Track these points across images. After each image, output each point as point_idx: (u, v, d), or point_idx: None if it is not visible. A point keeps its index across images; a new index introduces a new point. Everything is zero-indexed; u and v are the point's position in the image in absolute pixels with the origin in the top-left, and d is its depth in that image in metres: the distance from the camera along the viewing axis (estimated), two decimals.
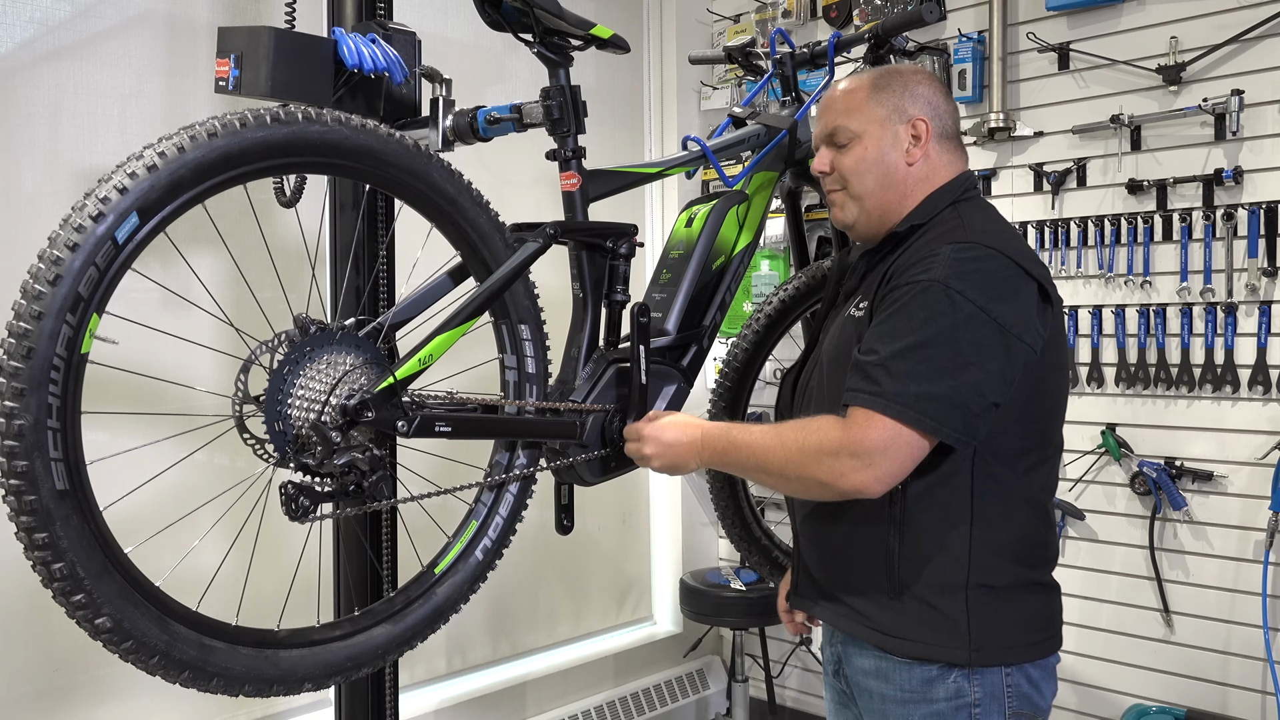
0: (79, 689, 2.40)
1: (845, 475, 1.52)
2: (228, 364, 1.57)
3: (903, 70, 1.75)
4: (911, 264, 1.58)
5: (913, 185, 1.71)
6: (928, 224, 1.66)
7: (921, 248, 1.61)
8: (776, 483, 1.64)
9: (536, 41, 1.71)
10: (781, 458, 1.57)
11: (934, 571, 1.62)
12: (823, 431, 1.54)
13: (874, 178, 1.71)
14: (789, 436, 1.58)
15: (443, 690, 3.14)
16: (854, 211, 1.73)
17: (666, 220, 3.83)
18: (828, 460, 1.52)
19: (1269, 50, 2.69)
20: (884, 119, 1.71)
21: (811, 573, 1.76)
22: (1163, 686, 2.88)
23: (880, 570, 1.64)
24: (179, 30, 2.53)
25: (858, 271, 1.77)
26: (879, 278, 1.65)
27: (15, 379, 1.19)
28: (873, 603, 1.65)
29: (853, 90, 1.75)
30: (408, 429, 1.47)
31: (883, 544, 1.63)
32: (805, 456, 1.54)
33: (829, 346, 1.72)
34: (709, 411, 2.25)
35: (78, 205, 1.24)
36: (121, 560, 1.29)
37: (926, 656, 1.62)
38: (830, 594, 1.72)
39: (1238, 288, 2.75)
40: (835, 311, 1.80)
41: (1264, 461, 2.71)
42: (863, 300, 1.66)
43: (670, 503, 3.89)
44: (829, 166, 1.75)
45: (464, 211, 1.61)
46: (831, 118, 1.74)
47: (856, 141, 1.72)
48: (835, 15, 3.53)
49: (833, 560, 1.71)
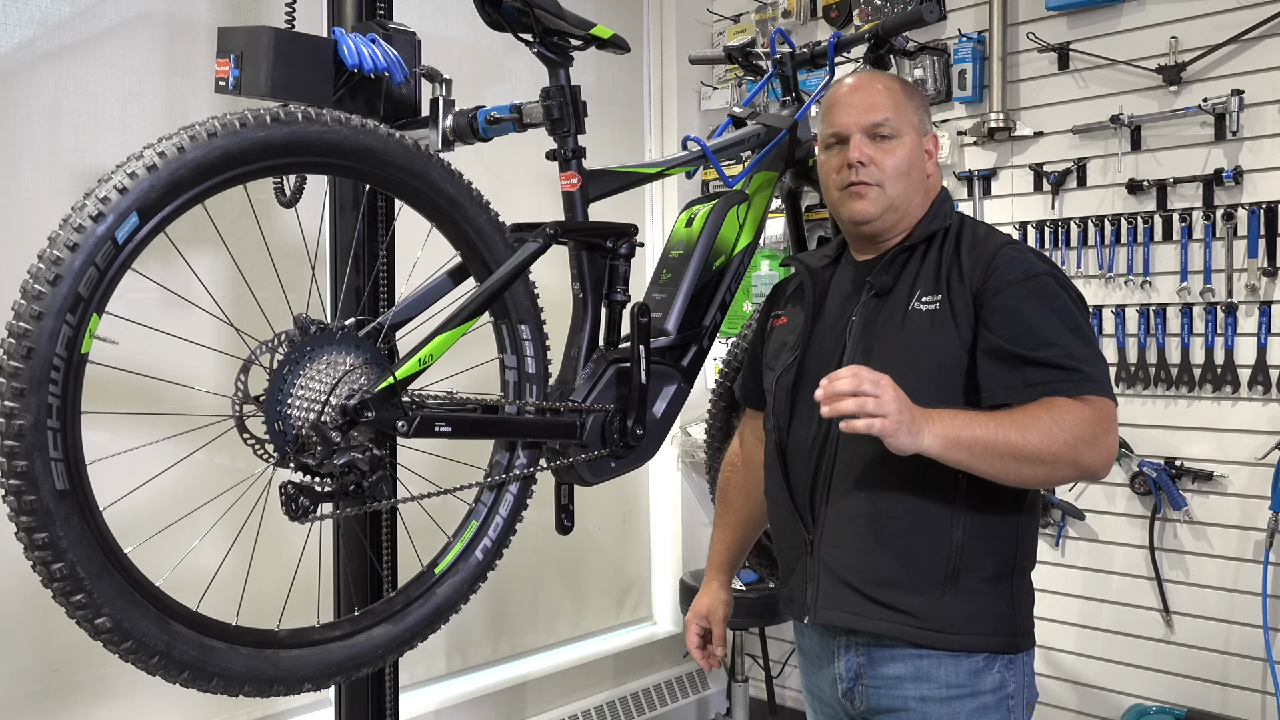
0: (79, 689, 2.40)
1: (1101, 458, 1.57)
2: (228, 364, 1.57)
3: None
4: (993, 262, 1.63)
5: (926, 195, 1.77)
6: (948, 228, 1.73)
7: (975, 246, 1.68)
8: (1024, 469, 1.54)
9: (536, 41, 1.71)
10: (1040, 439, 1.52)
11: (987, 560, 1.64)
12: (1080, 416, 1.54)
13: (907, 181, 1.73)
14: (1039, 419, 1.53)
15: (443, 690, 3.14)
16: (880, 207, 1.72)
17: (666, 220, 3.83)
18: (1095, 443, 1.54)
19: (1269, 50, 2.69)
20: (917, 126, 1.76)
21: (842, 578, 1.68)
22: (1163, 686, 2.88)
23: (938, 563, 1.63)
24: (179, 30, 2.53)
25: (887, 271, 1.72)
26: (934, 273, 1.68)
27: (15, 379, 1.19)
28: (921, 598, 1.63)
29: (892, 88, 1.75)
30: (408, 429, 1.47)
31: (945, 535, 1.63)
32: (1076, 440, 1.52)
33: (890, 342, 1.66)
34: (709, 411, 2.25)
35: (78, 205, 1.24)
36: (121, 560, 1.29)
37: (976, 647, 1.64)
38: (870, 596, 1.66)
39: (1238, 288, 2.75)
40: (849, 313, 1.74)
41: (1264, 461, 2.71)
42: (925, 294, 1.67)
43: (670, 503, 3.89)
44: (867, 158, 1.71)
45: (464, 211, 1.61)
46: (876, 111, 1.72)
47: (899, 140, 1.73)
48: (835, 15, 3.53)
49: (880, 559, 1.65)
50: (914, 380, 1.54)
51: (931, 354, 1.64)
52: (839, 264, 1.85)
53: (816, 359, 1.75)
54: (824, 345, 1.76)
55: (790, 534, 1.77)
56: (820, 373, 1.69)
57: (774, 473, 1.79)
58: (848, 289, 1.79)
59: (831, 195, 1.78)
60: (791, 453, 1.76)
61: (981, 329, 1.62)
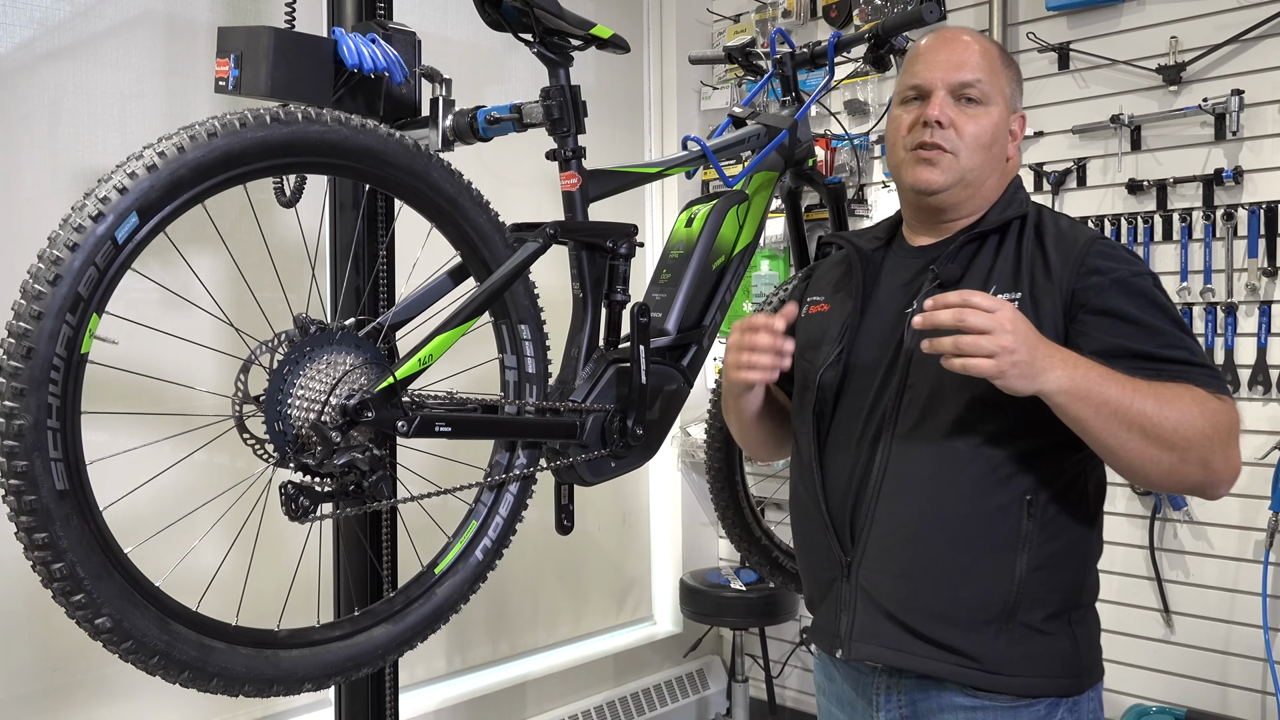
0: (79, 689, 2.40)
1: (1229, 469, 1.37)
2: (228, 364, 1.57)
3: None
4: (1087, 259, 1.45)
5: (1001, 179, 1.59)
6: (1024, 217, 1.55)
7: (1061, 240, 1.49)
8: (1148, 449, 1.34)
9: (536, 41, 1.71)
10: (1179, 418, 1.32)
11: (1051, 594, 1.46)
12: (1219, 410, 1.34)
13: (986, 155, 1.54)
14: (1182, 398, 1.33)
15: (443, 690, 3.14)
16: (950, 178, 1.53)
17: (666, 220, 3.83)
18: (1228, 448, 1.35)
19: (1269, 50, 2.69)
20: (1008, 98, 1.57)
21: (884, 608, 1.49)
22: (1163, 686, 2.88)
23: (997, 595, 1.44)
24: (179, 30, 2.53)
25: (954, 259, 1.54)
26: (1013, 267, 1.49)
27: (15, 379, 1.19)
28: (976, 636, 1.44)
29: (990, 51, 1.56)
30: (408, 429, 1.46)
31: (1007, 563, 1.44)
32: (1212, 434, 1.33)
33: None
34: (709, 411, 2.25)
35: (77, 205, 1.24)
36: (121, 560, 1.29)
37: (1037, 691, 1.45)
38: (916, 630, 1.46)
39: (1238, 288, 2.75)
40: (905, 304, 1.56)
41: (1264, 461, 2.71)
42: (1002, 289, 1.47)
43: (670, 503, 3.89)
44: (947, 120, 1.52)
45: (464, 211, 1.61)
46: (966, 70, 1.53)
47: (986, 107, 1.53)
48: (835, 15, 3.53)
49: (931, 588, 1.46)
50: (982, 388, 1.37)
51: None
52: (890, 248, 1.67)
53: (865, 354, 1.58)
54: (876, 339, 1.58)
55: (822, 553, 1.59)
56: (870, 370, 1.55)
57: (807, 481, 1.61)
58: (904, 277, 1.60)
59: (896, 155, 1.59)
60: (830, 459, 1.58)
61: (1083, 330, 1.43)
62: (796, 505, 1.68)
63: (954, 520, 1.46)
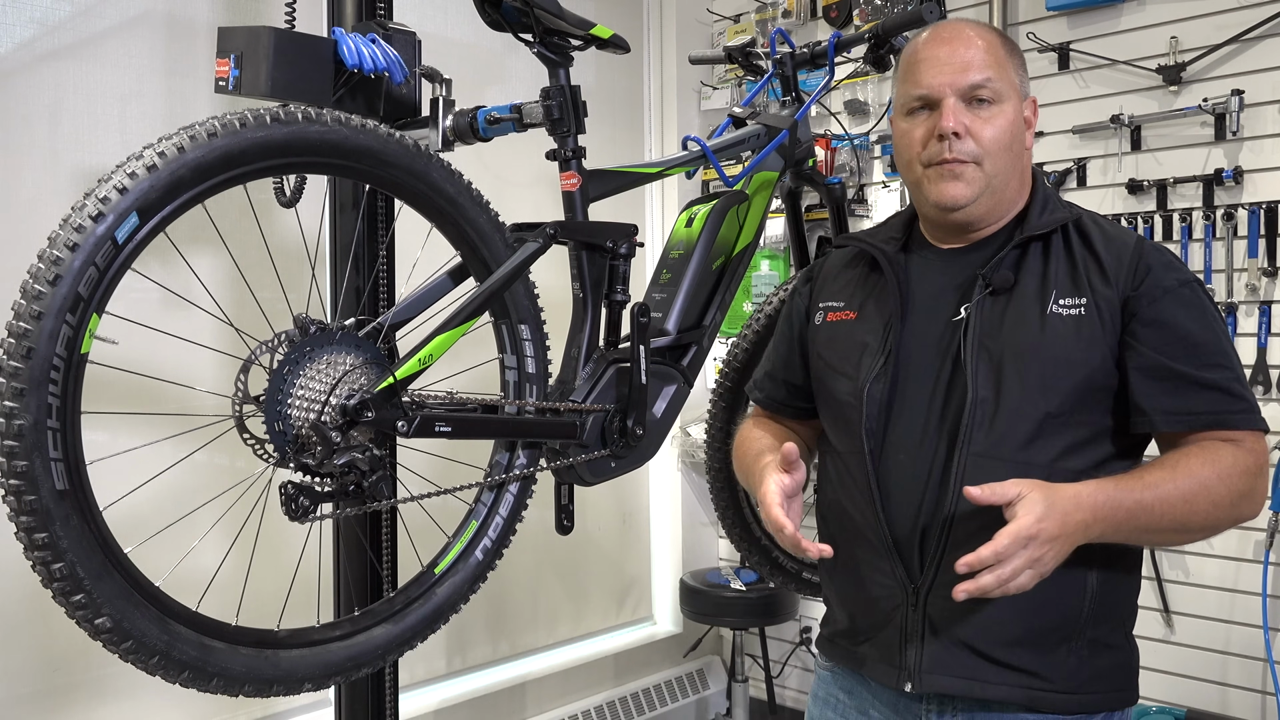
0: (79, 689, 2.40)
1: (1257, 504, 1.39)
2: (228, 364, 1.57)
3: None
4: (1141, 262, 1.42)
5: (1022, 174, 1.51)
6: (1065, 219, 1.48)
7: (1110, 243, 1.45)
8: (1183, 538, 1.42)
9: (536, 41, 1.71)
10: (1208, 509, 1.35)
11: (1115, 607, 1.44)
12: (1239, 467, 1.36)
13: (1008, 157, 1.46)
14: (1206, 484, 1.34)
15: (443, 690, 3.14)
16: (977, 189, 1.45)
17: (666, 220, 3.83)
18: (1255, 495, 1.38)
19: (1269, 50, 2.69)
20: (1019, 89, 1.48)
21: (962, 638, 1.41)
22: (1163, 686, 2.87)
23: (1072, 614, 1.40)
24: (179, 30, 2.53)
25: (1004, 263, 1.46)
26: (1070, 271, 1.44)
27: (15, 379, 1.19)
28: (1049, 657, 1.40)
29: (992, 42, 1.47)
30: (408, 429, 1.46)
31: (1080, 580, 1.40)
32: (1240, 498, 1.36)
33: (1027, 352, 1.41)
34: (709, 411, 2.24)
35: (77, 205, 1.24)
36: (121, 560, 1.29)
37: (1098, 706, 1.43)
38: (992, 658, 1.40)
39: (1238, 288, 2.75)
40: (951, 311, 1.48)
41: None
42: (1064, 296, 1.42)
43: (670, 503, 3.89)
44: (963, 129, 1.42)
45: (464, 211, 1.61)
46: (974, 70, 1.43)
47: (1001, 106, 1.44)
48: (835, 15, 3.52)
49: (1012, 615, 1.38)
50: (1056, 401, 1.36)
51: (1079, 368, 1.39)
52: (909, 250, 1.57)
53: (915, 364, 1.48)
54: (923, 349, 1.48)
55: (880, 579, 1.46)
56: (922, 381, 1.46)
57: (862, 502, 1.48)
58: (941, 281, 1.51)
59: (913, 172, 1.49)
60: (889, 480, 1.46)
61: (1131, 341, 1.40)
62: (842, 528, 1.53)
63: None
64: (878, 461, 1.47)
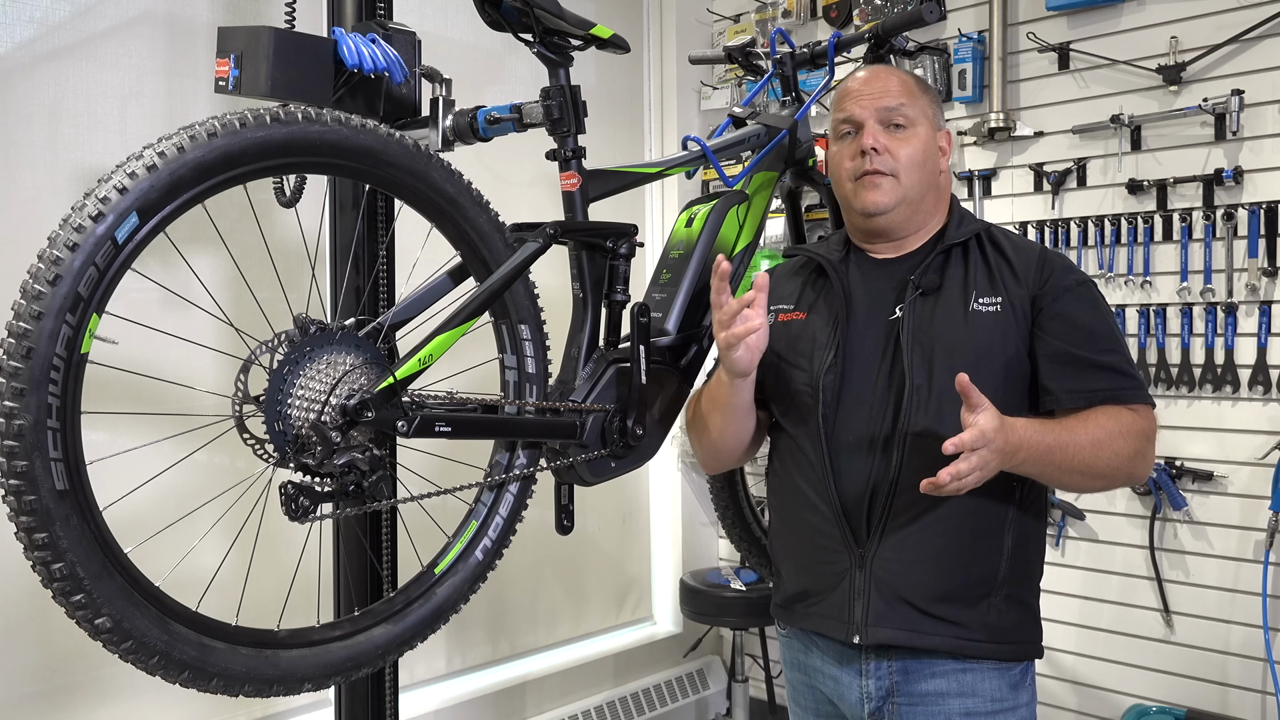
0: (79, 689, 2.40)
1: (1148, 468, 1.64)
2: (228, 364, 1.57)
3: None
4: (1045, 265, 1.66)
5: (940, 193, 1.76)
6: (978, 230, 1.72)
7: (1018, 250, 1.70)
8: (1087, 482, 1.62)
9: (536, 41, 1.71)
10: (1110, 457, 1.57)
11: (1025, 566, 1.68)
12: (1136, 428, 1.60)
13: (921, 173, 1.71)
14: (1111, 435, 1.57)
15: (443, 690, 3.14)
16: (894, 198, 1.69)
17: (666, 220, 3.83)
18: (1147, 456, 1.62)
19: (1269, 50, 2.69)
20: (932, 119, 1.74)
21: (900, 594, 1.62)
22: (1163, 686, 2.88)
23: (991, 571, 1.63)
24: (179, 30, 2.53)
25: (930, 269, 1.68)
26: (987, 275, 1.67)
27: (15, 379, 1.19)
28: (971, 609, 1.62)
29: (906, 80, 1.73)
30: (408, 429, 1.46)
31: (998, 542, 1.64)
32: (1136, 454, 1.59)
33: (954, 343, 1.62)
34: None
35: (77, 205, 1.24)
36: (121, 560, 1.29)
37: (1019, 656, 1.66)
38: (928, 612, 1.62)
39: (1238, 288, 2.75)
40: (886, 311, 1.69)
41: (1264, 461, 2.71)
42: (983, 296, 1.65)
43: (670, 503, 3.89)
44: (881, 146, 1.68)
45: (464, 211, 1.61)
46: (889, 97, 1.70)
47: (914, 129, 1.70)
48: (835, 15, 3.53)
49: (943, 573, 1.62)
50: (980, 384, 1.50)
51: (998, 357, 1.63)
52: (849, 260, 1.80)
53: (859, 357, 1.70)
54: (864, 343, 1.70)
55: (829, 548, 1.69)
56: (865, 371, 1.68)
57: (815, 478, 1.71)
58: (878, 286, 1.73)
59: (844, 187, 1.74)
60: (839, 457, 1.68)
61: (1039, 332, 1.64)
62: (796, 503, 1.75)
63: (962, 509, 1.61)
64: (831, 441, 1.68)
